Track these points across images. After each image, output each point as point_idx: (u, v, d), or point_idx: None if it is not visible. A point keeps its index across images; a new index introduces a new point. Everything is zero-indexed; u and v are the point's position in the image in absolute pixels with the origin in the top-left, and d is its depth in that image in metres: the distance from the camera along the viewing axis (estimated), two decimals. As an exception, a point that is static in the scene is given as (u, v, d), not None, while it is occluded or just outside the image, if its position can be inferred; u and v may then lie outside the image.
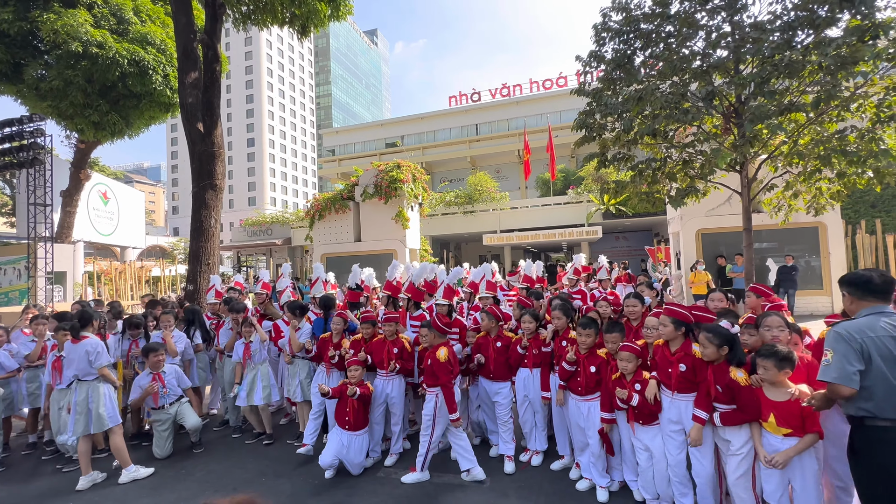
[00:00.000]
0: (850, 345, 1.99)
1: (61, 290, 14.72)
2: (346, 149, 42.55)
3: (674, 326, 2.95)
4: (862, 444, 2.04)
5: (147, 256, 28.35)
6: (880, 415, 1.96)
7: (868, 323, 2.03)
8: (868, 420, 1.99)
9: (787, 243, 9.88)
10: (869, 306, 2.12)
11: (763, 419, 2.53)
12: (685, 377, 2.86)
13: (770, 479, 2.50)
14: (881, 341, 1.98)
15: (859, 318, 2.09)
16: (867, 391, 1.98)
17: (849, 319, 2.14)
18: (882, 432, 1.96)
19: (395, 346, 4.07)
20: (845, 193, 5.47)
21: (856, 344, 1.99)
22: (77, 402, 3.85)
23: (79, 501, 3.62)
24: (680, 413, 2.90)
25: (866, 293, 2.13)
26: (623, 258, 22.65)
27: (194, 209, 8.94)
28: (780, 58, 4.40)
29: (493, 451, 4.06)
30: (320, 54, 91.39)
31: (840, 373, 1.97)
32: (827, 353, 2.04)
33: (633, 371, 3.10)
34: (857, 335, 2.00)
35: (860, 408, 2.00)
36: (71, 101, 12.82)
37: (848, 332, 2.02)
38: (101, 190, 19.09)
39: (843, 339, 2.02)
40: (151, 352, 4.42)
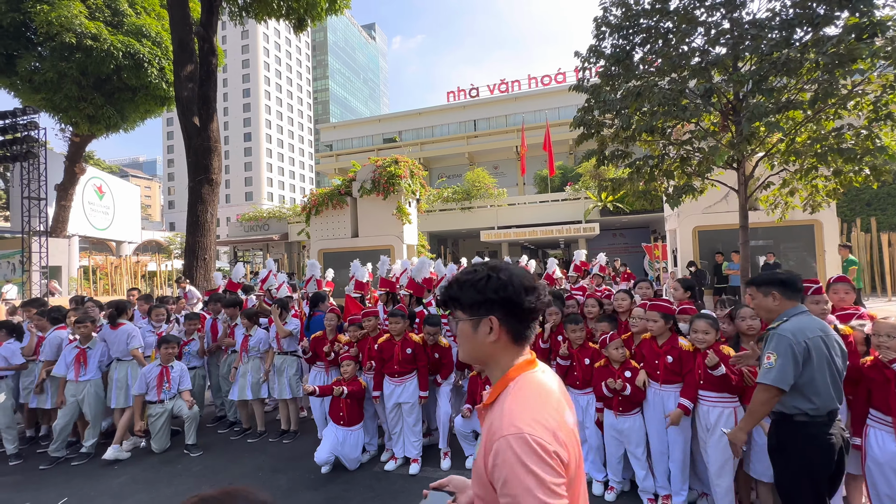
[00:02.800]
0: (795, 348, 2.03)
1: (57, 284, 14.63)
2: (343, 144, 42.36)
3: (663, 321, 3.08)
4: (789, 439, 2.10)
5: (143, 251, 28.19)
6: (816, 414, 2.04)
7: (805, 323, 2.09)
8: (798, 416, 2.06)
9: (782, 241, 9.92)
10: (794, 306, 2.18)
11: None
12: (671, 369, 3.00)
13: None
14: (816, 342, 2.05)
15: (792, 318, 2.13)
16: (809, 390, 2.04)
17: (783, 320, 2.14)
18: (813, 427, 2.04)
19: (406, 346, 3.83)
20: (841, 191, 5.48)
21: (800, 347, 2.04)
22: (118, 379, 4.51)
23: (75, 497, 3.61)
24: (664, 404, 3.03)
25: (794, 293, 2.20)
26: (620, 255, 22.74)
27: (190, 204, 8.90)
28: (779, 55, 4.39)
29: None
30: (318, 48, 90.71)
31: (780, 376, 2.03)
32: (770, 355, 2.07)
33: (622, 360, 3.19)
34: (801, 337, 2.05)
35: (796, 407, 2.06)
36: (65, 93, 12.69)
37: (793, 336, 2.05)
38: (97, 184, 18.94)
39: (788, 342, 2.05)
40: (165, 343, 4.44)
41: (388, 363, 3.84)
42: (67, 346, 4.42)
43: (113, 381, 4.54)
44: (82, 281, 15.89)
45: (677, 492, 3.02)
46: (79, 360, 4.32)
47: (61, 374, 4.29)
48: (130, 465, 4.19)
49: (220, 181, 9.34)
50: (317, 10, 10.82)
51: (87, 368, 4.34)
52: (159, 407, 4.36)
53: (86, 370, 4.33)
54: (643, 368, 3.13)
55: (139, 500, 3.52)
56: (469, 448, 3.87)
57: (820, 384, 2.03)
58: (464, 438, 3.86)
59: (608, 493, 3.24)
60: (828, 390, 2.04)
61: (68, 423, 4.28)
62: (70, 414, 4.27)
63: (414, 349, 3.83)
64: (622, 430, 3.18)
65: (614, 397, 3.17)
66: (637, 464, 3.16)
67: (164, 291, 17.80)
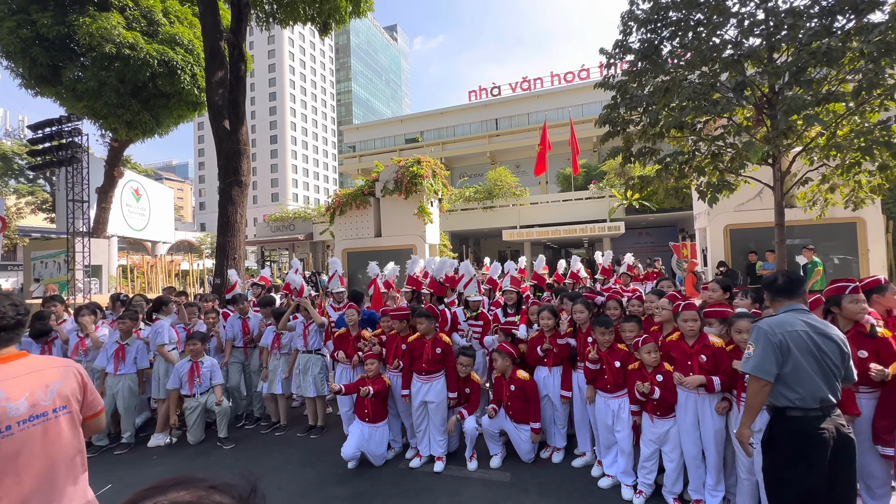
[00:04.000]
0: (771, 339, 2.12)
1: (98, 282, 15.41)
2: (366, 145, 42.89)
3: (700, 321, 3.02)
4: (780, 432, 2.14)
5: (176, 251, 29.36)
6: (802, 405, 2.09)
7: (786, 319, 2.17)
8: (790, 410, 2.11)
9: (821, 240, 9.45)
10: (784, 305, 2.26)
11: None
12: (706, 368, 2.91)
13: None
14: (798, 335, 2.11)
15: (778, 314, 2.24)
16: (791, 381, 2.10)
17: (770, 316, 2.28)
18: (801, 422, 2.09)
19: (437, 345, 3.84)
20: (887, 187, 5.19)
21: (776, 338, 2.12)
22: (157, 372, 4.79)
23: (118, 483, 3.81)
24: (696, 408, 2.95)
25: (776, 294, 2.30)
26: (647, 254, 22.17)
27: (221, 205, 9.20)
28: (818, 45, 4.19)
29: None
30: (341, 51, 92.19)
31: (758, 365, 2.12)
32: (750, 346, 2.19)
33: (656, 363, 3.10)
34: (778, 330, 2.13)
35: (785, 397, 2.12)
36: (105, 101, 13.34)
37: (769, 328, 2.15)
38: (134, 187, 19.84)
39: (764, 333, 2.15)
40: (190, 340, 4.61)
41: (416, 361, 3.87)
42: (110, 340, 4.66)
43: (154, 374, 4.82)
44: (121, 279, 16.67)
45: (711, 493, 2.94)
46: (118, 354, 4.56)
47: (102, 367, 4.54)
48: (168, 455, 4.38)
49: (249, 183, 9.62)
50: (341, 13, 11.00)
51: (124, 363, 4.56)
52: (193, 401, 4.55)
53: (124, 365, 4.55)
54: (675, 371, 3.04)
55: (176, 489, 3.68)
56: (495, 447, 3.88)
57: (804, 375, 2.08)
58: (490, 438, 3.86)
59: (637, 498, 3.18)
60: (814, 381, 2.08)
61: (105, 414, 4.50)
62: (107, 406, 4.50)
63: (444, 349, 3.85)
64: (660, 434, 3.11)
65: (648, 401, 3.11)
66: (671, 467, 3.10)
67: (196, 289, 18.47)
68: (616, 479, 3.37)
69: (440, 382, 3.84)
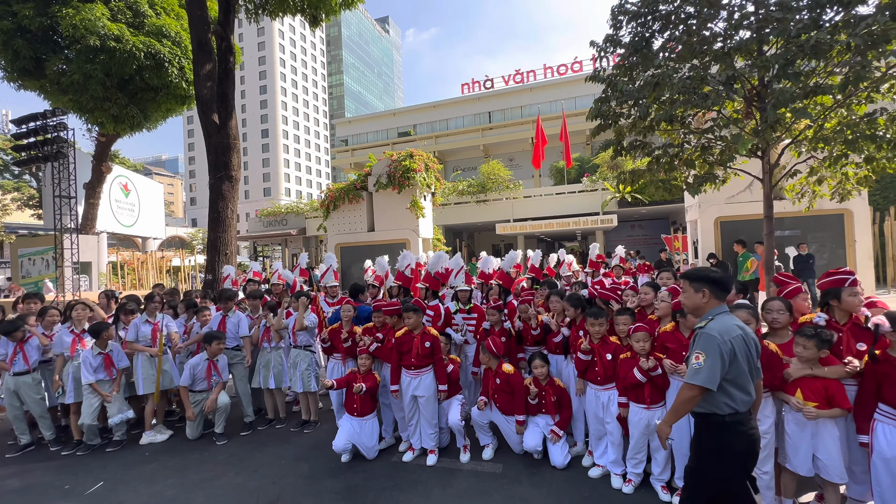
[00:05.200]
0: (722, 348, 2.04)
1: (87, 279, 15.23)
2: (358, 138, 42.58)
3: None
4: (724, 439, 2.09)
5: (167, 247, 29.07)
6: (742, 408, 2.08)
7: (728, 322, 2.12)
8: (732, 416, 2.07)
9: (810, 231, 9.58)
10: (718, 305, 2.20)
11: (790, 393, 2.69)
12: None
13: (797, 452, 2.65)
14: (738, 339, 2.08)
15: (716, 317, 2.15)
16: (733, 387, 2.07)
17: (709, 319, 2.16)
18: (742, 425, 2.07)
19: (425, 339, 3.84)
20: (873, 179, 5.26)
21: (727, 347, 2.04)
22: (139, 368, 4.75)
23: (111, 481, 3.80)
24: None
25: (723, 293, 2.21)
26: (639, 246, 22.34)
27: (211, 200, 9.11)
28: (807, 38, 4.21)
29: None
30: (332, 43, 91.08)
31: (709, 377, 2.02)
32: (699, 355, 2.06)
33: (644, 351, 3.18)
34: (727, 337, 2.06)
35: (728, 405, 2.07)
36: (91, 94, 13.10)
37: (720, 336, 2.06)
38: (122, 182, 19.56)
39: (716, 342, 2.05)
40: (215, 339, 4.55)
41: (405, 356, 3.88)
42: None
43: (136, 371, 4.70)
44: (111, 276, 16.49)
45: None
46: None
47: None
48: (161, 452, 4.38)
49: (240, 177, 9.53)
50: (331, 4, 10.86)
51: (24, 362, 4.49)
52: (199, 396, 4.55)
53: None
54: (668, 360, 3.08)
55: (170, 485, 3.68)
56: (485, 438, 3.92)
57: (743, 380, 2.08)
58: (480, 429, 3.90)
59: (626, 486, 3.24)
60: (749, 383, 2.10)
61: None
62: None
63: (432, 343, 3.86)
64: (648, 424, 3.14)
65: (644, 389, 3.14)
66: (660, 456, 3.15)
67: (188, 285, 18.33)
68: (606, 468, 3.43)
69: (429, 376, 3.86)
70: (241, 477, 3.77)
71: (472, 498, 3.25)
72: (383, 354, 4.10)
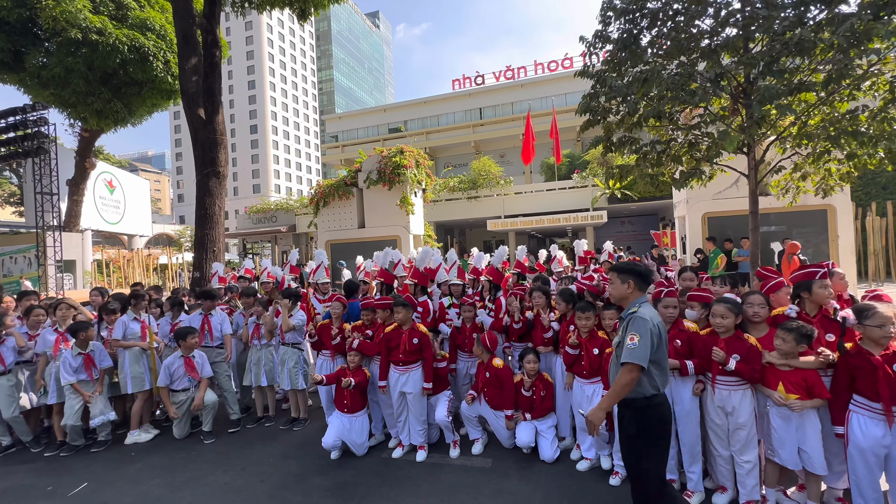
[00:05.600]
0: (652, 330, 2.24)
1: (71, 277, 14.94)
2: (349, 134, 42.27)
3: (679, 308, 3.09)
4: (649, 423, 2.29)
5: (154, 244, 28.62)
6: (663, 389, 2.33)
7: (652, 310, 2.37)
8: (655, 398, 2.29)
9: (794, 226, 9.75)
10: (641, 295, 2.43)
11: (772, 387, 2.73)
12: (681, 353, 3.00)
13: (784, 446, 2.70)
14: (661, 327, 2.32)
15: (642, 305, 2.36)
16: (657, 369, 2.29)
17: (637, 307, 2.36)
18: (661, 406, 2.31)
19: (413, 335, 3.82)
20: (855, 175, 5.36)
21: (655, 330, 2.26)
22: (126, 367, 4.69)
23: (95, 482, 3.74)
24: (670, 390, 3.04)
25: (645, 284, 2.45)
26: (629, 242, 22.53)
27: (198, 197, 8.98)
28: (791, 35, 4.27)
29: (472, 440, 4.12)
30: (321, 38, 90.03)
31: (642, 354, 2.20)
32: (634, 336, 2.23)
33: None
34: (655, 321, 2.29)
35: (652, 385, 2.29)
36: (73, 88, 12.79)
37: (651, 319, 2.27)
38: (107, 178, 19.18)
39: (648, 325, 2.24)
40: (188, 334, 4.49)
41: (393, 351, 3.87)
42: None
43: (121, 370, 4.66)
44: (96, 274, 16.20)
45: (689, 471, 3.04)
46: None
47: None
48: (147, 452, 4.32)
49: (228, 174, 9.39)
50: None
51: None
52: (183, 395, 4.49)
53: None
54: None
55: (156, 485, 3.64)
56: (475, 433, 3.93)
57: (665, 362, 2.33)
58: (469, 423, 3.91)
59: (613, 478, 3.27)
60: (667, 368, 2.35)
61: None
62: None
63: (420, 339, 3.84)
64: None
65: None
66: None
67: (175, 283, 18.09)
68: (594, 461, 3.46)
69: (417, 372, 3.84)
70: (228, 475, 3.74)
71: (462, 492, 3.27)
72: (368, 349, 4.07)
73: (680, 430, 3.03)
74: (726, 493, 2.93)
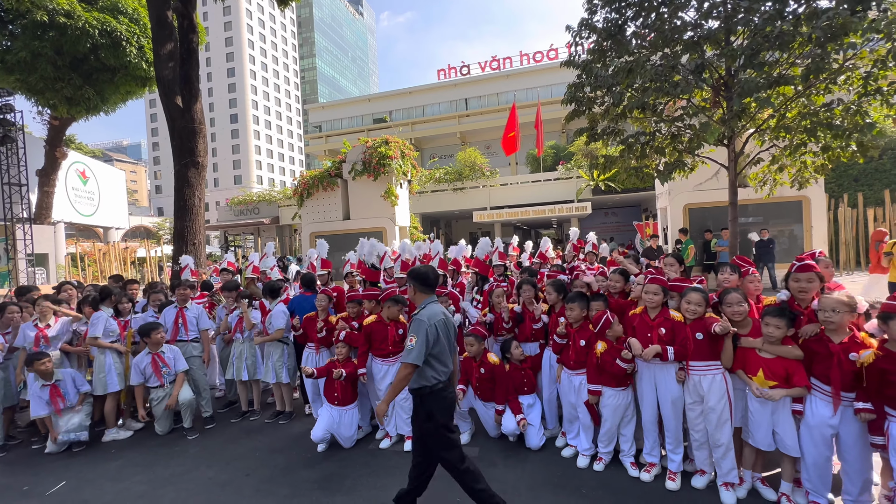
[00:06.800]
0: (428, 331, 2.53)
1: (44, 272, 14.43)
2: (332, 125, 41.59)
3: (662, 295, 3.15)
4: (434, 406, 2.58)
5: (132, 237, 27.81)
6: (444, 378, 2.63)
7: (434, 309, 2.65)
8: (437, 385, 2.59)
9: (771, 217, 10.04)
10: (427, 297, 2.71)
11: (752, 374, 2.79)
12: (665, 340, 3.05)
13: (759, 428, 2.79)
14: (441, 322, 2.63)
15: (427, 306, 2.66)
16: (437, 361, 2.59)
17: (422, 308, 2.66)
18: (444, 391, 2.62)
19: (398, 327, 3.86)
20: (829, 167, 5.52)
21: (432, 329, 2.55)
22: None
23: (74, 479, 3.65)
24: (654, 376, 3.12)
25: (427, 287, 2.71)
26: (613, 233, 22.85)
27: (177, 188, 8.73)
28: (772, 29, 4.34)
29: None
30: (303, 25, 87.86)
31: (418, 355, 2.49)
32: (412, 338, 2.52)
33: (614, 338, 3.29)
34: (433, 321, 2.58)
35: (434, 377, 2.59)
36: (40, 74, 12.22)
37: (428, 320, 2.57)
38: (80, 169, 18.48)
39: (424, 326, 2.54)
40: (152, 330, 4.38)
41: (380, 344, 3.86)
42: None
43: (96, 368, 4.51)
44: (70, 268, 15.68)
45: (672, 455, 3.12)
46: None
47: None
48: (128, 448, 4.23)
49: (207, 164, 9.14)
50: (300, -16, 10.42)
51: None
52: (161, 391, 4.41)
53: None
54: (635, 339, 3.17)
55: (137, 482, 3.57)
56: (464, 425, 3.96)
57: (444, 355, 2.63)
58: (459, 417, 3.94)
59: (597, 464, 3.35)
60: (448, 358, 2.67)
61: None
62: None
63: (405, 330, 3.85)
64: (617, 406, 3.25)
65: (606, 374, 3.23)
66: (623, 434, 3.29)
67: (155, 277, 17.65)
68: (578, 448, 3.53)
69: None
70: (213, 470, 3.69)
71: (449, 480, 3.28)
72: (355, 341, 4.06)
73: (664, 415, 3.10)
74: (705, 476, 3.03)
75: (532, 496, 3.06)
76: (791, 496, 2.76)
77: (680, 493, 2.98)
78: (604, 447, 3.37)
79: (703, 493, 2.96)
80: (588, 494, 3.03)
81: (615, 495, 3.00)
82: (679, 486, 3.02)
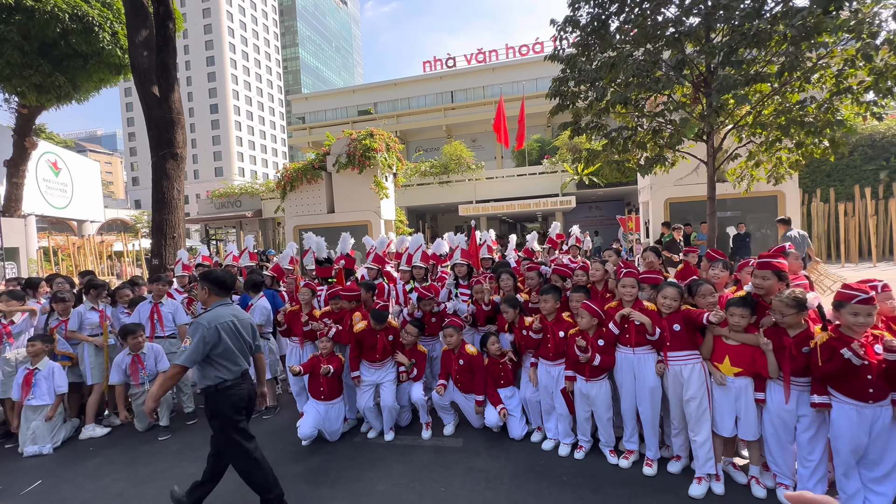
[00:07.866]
0: (206, 333, 2.62)
1: (14, 266, 13.91)
2: (316, 116, 40.88)
3: (637, 289, 3.23)
4: (221, 405, 2.69)
5: (108, 230, 26.97)
6: (233, 377, 2.72)
7: (219, 312, 2.74)
8: (225, 383, 2.69)
9: (748, 212, 10.32)
10: (218, 300, 2.82)
11: (718, 361, 2.92)
12: (640, 331, 3.13)
13: (723, 416, 2.91)
14: (227, 324, 2.72)
15: (214, 309, 2.76)
16: (224, 361, 2.69)
17: (206, 310, 2.79)
18: (233, 388, 2.71)
19: (389, 332, 3.93)
20: (803, 163, 5.71)
21: (211, 331, 2.63)
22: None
23: (52, 478, 3.57)
24: (633, 366, 3.19)
25: (221, 290, 2.84)
26: (596, 227, 23.16)
27: (155, 180, 8.48)
28: (750, 27, 4.44)
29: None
30: (286, 13, 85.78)
31: (190, 357, 2.59)
32: (188, 340, 2.61)
33: (590, 326, 3.29)
34: (214, 323, 2.66)
35: (219, 377, 2.69)
36: (6, 60, 11.65)
37: (207, 323, 2.66)
38: (51, 159, 17.79)
39: (202, 329, 2.63)
40: (130, 334, 4.31)
41: (370, 351, 3.89)
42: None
43: (81, 360, 4.50)
44: (42, 262, 15.15)
45: (650, 446, 3.22)
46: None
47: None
48: (107, 446, 4.15)
49: (186, 155, 8.89)
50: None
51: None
52: (140, 390, 4.37)
53: None
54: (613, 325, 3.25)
55: (117, 479, 3.51)
56: (448, 417, 4.00)
57: (231, 355, 2.72)
58: (442, 410, 3.98)
59: (577, 452, 3.43)
60: (238, 358, 2.76)
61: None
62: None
63: (395, 335, 3.95)
64: (590, 396, 3.33)
65: (586, 365, 3.29)
66: (602, 426, 3.37)
67: (134, 271, 17.21)
68: (558, 439, 3.60)
69: (390, 362, 3.97)
70: (195, 466, 3.65)
71: (433, 471, 3.34)
72: (344, 338, 4.05)
73: (640, 405, 3.18)
74: (680, 461, 3.14)
75: (515, 484, 3.12)
76: (760, 479, 2.88)
77: (656, 478, 3.09)
78: (581, 435, 3.46)
79: (678, 477, 3.07)
80: (569, 482, 3.11)
81: (595, 482, 3.09)
82: (656, 471, 3.13)
